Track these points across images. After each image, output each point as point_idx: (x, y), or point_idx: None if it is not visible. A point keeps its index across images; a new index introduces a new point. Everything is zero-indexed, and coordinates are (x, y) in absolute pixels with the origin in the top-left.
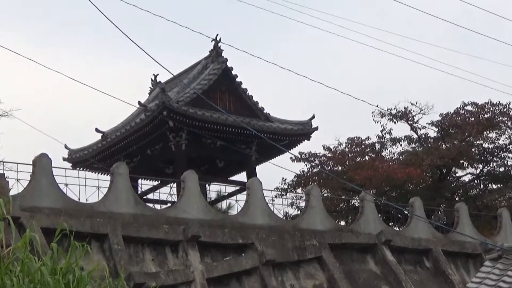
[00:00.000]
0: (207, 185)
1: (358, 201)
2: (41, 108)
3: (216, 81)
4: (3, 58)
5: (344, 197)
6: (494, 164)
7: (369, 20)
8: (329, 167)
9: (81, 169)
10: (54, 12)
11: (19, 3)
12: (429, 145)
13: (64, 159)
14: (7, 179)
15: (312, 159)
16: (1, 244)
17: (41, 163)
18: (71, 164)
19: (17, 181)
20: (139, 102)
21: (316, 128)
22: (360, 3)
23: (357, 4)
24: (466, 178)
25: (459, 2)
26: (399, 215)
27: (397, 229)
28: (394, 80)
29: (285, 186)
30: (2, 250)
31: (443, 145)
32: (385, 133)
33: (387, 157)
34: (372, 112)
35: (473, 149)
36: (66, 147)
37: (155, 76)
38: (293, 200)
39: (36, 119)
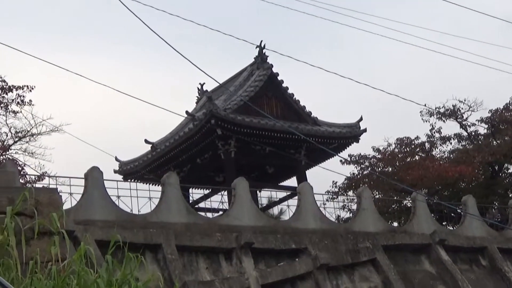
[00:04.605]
0: (258, 191)
1: (410, 201)
2: (90, 121)
3: (262, 87)
4: (52, 74)
5: (395, 198)
6: None
7: (416, 21)
8: (379, 169)
9: (132, 180)
10: (96, 25)
11: (62, 19)
12: (480, 142)
13: (115, 171)
14: (60, 193)
15: (362, 161)
16: (57, 258)
17: (93, 176)
18: (122, 176)
19: (70, 195)
20: (186, 112)
21: (365, 130)
22: (408, 4)
23: (404, 5)
24: None
25: None
26: (452, 214)
27: (450, 228)
28: (442, 79)
29: (336, 189)
30: (58, 264)
31: (494, 142)
32: (434, 132)
33: (438, 156)
34: (421, 112)
35: None
36: (116, 159)
37: (202, 85)
38: (345, 203)
39: (86, 133)
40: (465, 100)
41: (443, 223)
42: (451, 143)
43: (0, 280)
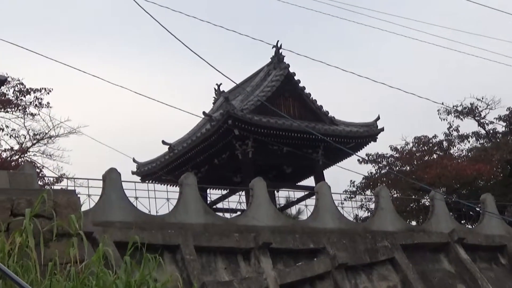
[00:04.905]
0: (275, 191)
1: (428, 200)
2: (108, 123)
3: (279, 87)
4: (69, 76)
5: (414, 197)
6: None
7: (433, 19)
8: (397, 168)
9: (150, 181)
10: (112, 26)
11: (83, 23)
12: (498, 140)
13: (133, 173)
14: (78, 195)
15: (379, 160)
16: (76, 259)
17: (111, 178)
18: (140, 177)
19: (88, 196)
20: (203, 113)
21: (382, 129)
22: (425, 2)
23: (421, 3)
24: None
25: None
26: (470, 213)
27: (469, 226)
28: (459, 77)
29: (354, 189)
30: (76, 265)
31: None
32: (452, 130)
33: (456, 155)
34: (438, 110)
35: None
36: (134, 160)
37: (218, 86)
38: (363, 202)
39: (104, 135)
40: (482, 98)
41: (462, 222)
42: (469, 141)
43: (20, 282)
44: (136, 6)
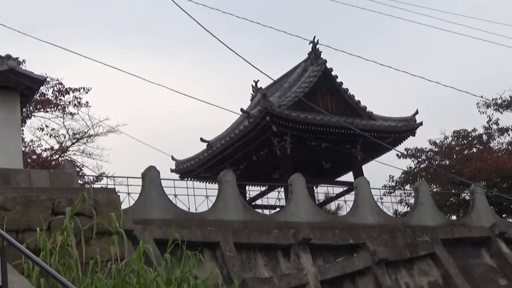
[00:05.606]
0: (314, 187)
1: (469, 194)
2: (146, 121)
3: (316, 83)
4: (109, 76)
5: (453, 191)
6: None
7: (470, 12)
8: (436, 162)
9: (189, 179)
10: (150, 24)
11: (120, 22)
12: None
13: (172, 171)
14: (118, 193)
15: (418, 154)
16: (116, 257)
17: (150, 176)
18: (178, 175)
19: (128, 194)
20: (241, 109)
21: (421, 124)
22: None
23: None
24: None
25: None
26: (511, 206)
27: (510, 220)
28: (498, 70)
29: (393, 184)
30: (117, 263)
31: None
32: (491, 124)
33: (496, 148)
34: (477, 103)
35: None
36: (173, 158)
37: (256, 83)
38: (402, 197)
39: (142, 133)
40: None
41: (503, 216)
42: (509, 135)
43: (62, 280)
44: (174, 5)
